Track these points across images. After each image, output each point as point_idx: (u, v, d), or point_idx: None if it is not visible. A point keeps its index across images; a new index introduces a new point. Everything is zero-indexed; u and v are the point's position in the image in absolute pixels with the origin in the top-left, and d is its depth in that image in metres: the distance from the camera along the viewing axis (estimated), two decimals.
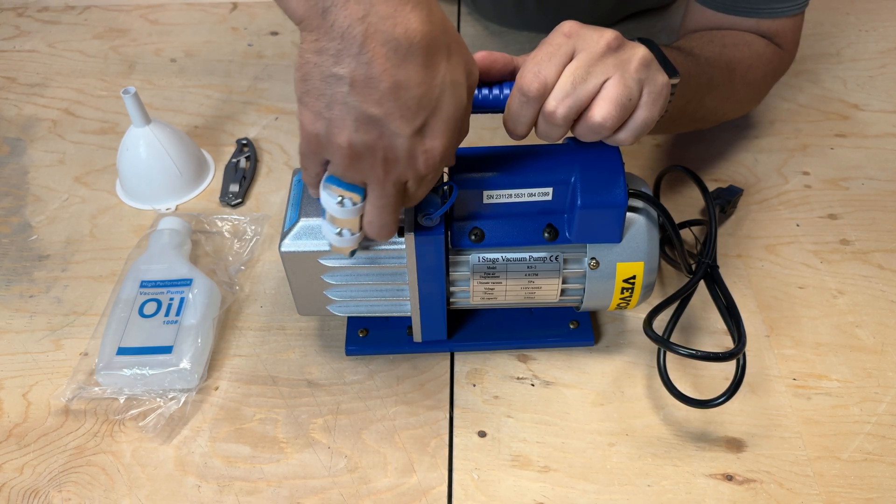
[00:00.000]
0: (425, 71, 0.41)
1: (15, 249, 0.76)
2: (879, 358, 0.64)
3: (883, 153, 0.84)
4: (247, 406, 0.62)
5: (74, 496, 0.57)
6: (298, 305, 0.60)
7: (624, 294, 0.59)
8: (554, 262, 0.57)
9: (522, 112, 0.49)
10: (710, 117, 0.76)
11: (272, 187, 0.82)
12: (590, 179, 0.53)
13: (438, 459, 0.58)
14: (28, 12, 1.12)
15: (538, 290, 0.59)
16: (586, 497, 0.56)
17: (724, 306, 0.61)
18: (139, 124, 0.77)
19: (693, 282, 0.61)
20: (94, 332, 0.67)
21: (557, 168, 0.54)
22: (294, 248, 0.55)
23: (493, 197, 0.55)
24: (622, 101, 0.48)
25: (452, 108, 0.43)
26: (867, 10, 1.07)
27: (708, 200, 0.66)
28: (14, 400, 0.63)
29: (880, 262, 0.72)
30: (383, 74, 0.40)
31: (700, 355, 0.55)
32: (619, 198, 0.53)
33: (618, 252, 0.57)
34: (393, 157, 0.44)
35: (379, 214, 0.48)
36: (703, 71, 0.67)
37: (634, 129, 0.50)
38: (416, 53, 0.41)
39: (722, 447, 0.58)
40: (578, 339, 0.65)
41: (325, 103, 0.42)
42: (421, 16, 0.41)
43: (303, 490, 0.57)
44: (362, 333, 0.65)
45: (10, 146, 0.88)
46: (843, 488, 0.56)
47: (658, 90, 0.49)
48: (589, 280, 0.58)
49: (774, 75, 0.80)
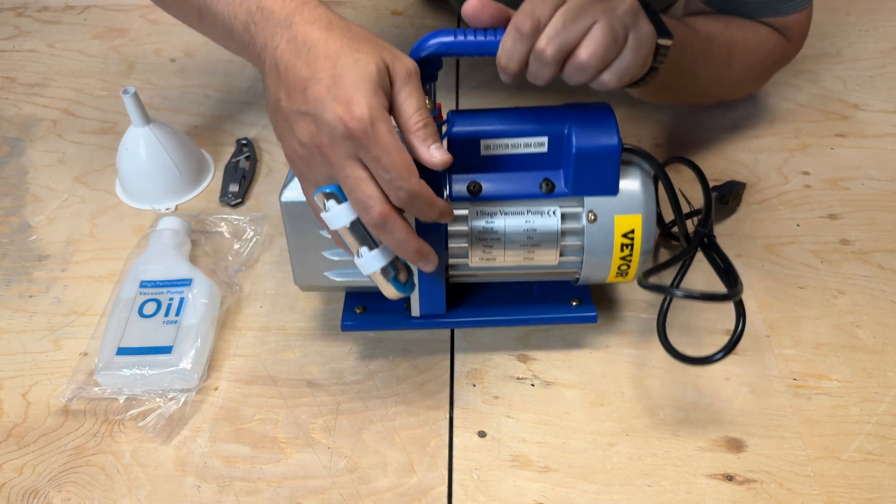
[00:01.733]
0: (316, 62, 0.47)
1: (15, 249, 0.76)
2: (880, 358, 0.64)
3: (883, 153, 0.84)
4: (247, 406, 0.62)
5: (74, 496, 0.57)
6: (296, 273, 0.60)
7: (624, 252, 0.58)
8: (552, 217, 0.57)
9: (516, 48, 0.51)
10: (705, 91, 0.78)
11: (272, 187, 0.82)
12: (584, 128, 0.55)
13: (438, 459, 0.58)
14: (28, 12, 1.12)
15: (537, 248, 0.58)
16: (586, 497, 0.56)
17: (721, 269, 0.61)
18: (139, 124, 0.77)
19: (690, 248, 0.62)
20: (93, 332, 0.67)
21: (553, 120, 0.56)
22: (295, 198, 0.55)
23: (490, 147, 0.56)
24: (607, 43, 0.50)
25: (357, 70, 0.46)
26: (867, 10, 1.07)
27: (702, 178, 0.67)
28: (14, 400, 0.63)
29: (880, 262, 0.72)
30: (289, 73, 0.47)
31: (698, 295, 0.55)
32: (612, 142, 0.55)
33: (615, 204, 0.57)
34: (329, 134, 0.47)
35: (364, 202, 0.48)
36: (700, 43, 0.69)
37: (617, 72, 0.52)
38: (311, 51, 0.47)
39: (722, 447, 0.58)
40: (581, 314, 0.64)
41: (273, 122, 0.51)
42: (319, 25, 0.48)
43: (303, 490, 0.57)
44: (359, 310, 0.64)
45: (10, 146, 0.88)
46: (844, 488, 0.56)
47: (642, 37, 0.52)
48: (588, 236, 0.57)
49: (776, 63, 0.81)
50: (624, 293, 0.69)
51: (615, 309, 0.68)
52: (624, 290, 0.70)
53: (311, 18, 0.48)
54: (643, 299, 0.69)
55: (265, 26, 0.49)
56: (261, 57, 0.50)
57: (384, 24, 1.07)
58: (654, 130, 0.87)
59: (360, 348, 0.66)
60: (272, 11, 0.49)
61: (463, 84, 0.96)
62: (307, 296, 0.70)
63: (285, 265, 0.73)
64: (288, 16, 0.49)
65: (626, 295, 0.69)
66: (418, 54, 0.52)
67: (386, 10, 1.10)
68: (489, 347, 0.66)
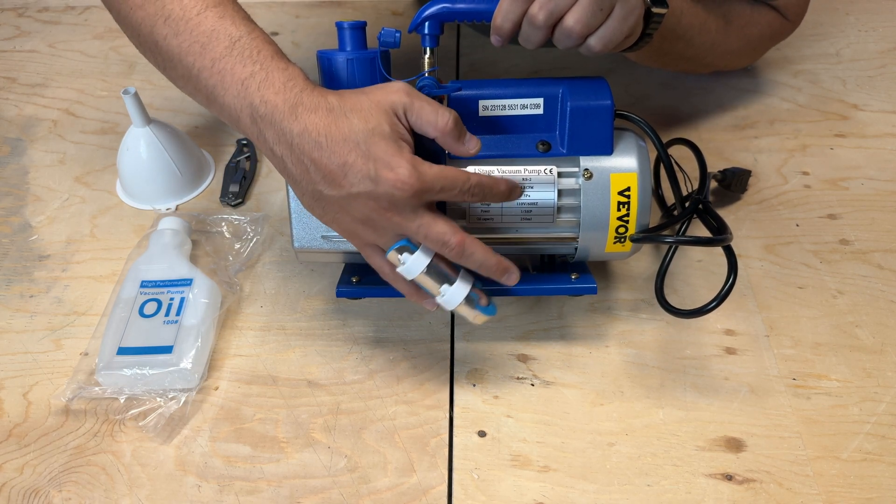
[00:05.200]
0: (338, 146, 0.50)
1: (15, 249, 0.76)
2: (879, 358, 0.64)
3: (882, 153, 0.84)
4: (247, 406, 0.62)
5: (75, 496, 0.57)
6: (295, 234, 0.60)
7: (621, 212, 0.58)
8: (548, 175, 0.58)
9: (511, 9, 0.54)
10: (700, 60, 0.81)
11: (272, 187, 0.82)
12: (577, 89, 0.58)
13: (438, 459, 0.58)
14: (28, 12, 1.12)
15: (535, 206, 0.58)
16: (586, 497, 0.56)
17: (714, 228, 0.62)
18: (139, 124, 0.77)
19: (686, 212, 0.63)
20: (94, 332, 0.67)
21: (548, 84, 0.59)
22: None
23: (488, 108, 0.59)
24: (593, 10, 0.53)
25: (377, 137, 0.50)
26: (867, 10, 1.07)
27: (698, 154, 0.69)
28: (14, 400, 0.63)
29: (879, 262, 0.72)
30: (319, 166, 0.50)
31: (689, 240, 0.59)
32: (605, 100, 0.57)
33: (610, 163, 0.58)
34: (389, 201, 0.50)
35: (440, 239, 0.52)
36: (697, 13, 0.73)
37: (602, 38, 0.55)
38: (328, 145, 0.50)
39: (722, 447, 0.58)
40: (581, 285, 0.63)
41: (318, 211, 0.54)
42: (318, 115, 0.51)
43: (303, 490, 0.57)
44: (355, 279, 0.64)
45: (11, 146, 0.89)
46: (843, 488, 0.56)
47: (629, 8, 0.54)
48: (584, 194, 0.58)
49: (773, 38, 0.84)
50: (624, 293, 0.70)
51: (615, 308, 0.68)
52: (624, 289, 0.70)
53: (313, 107, 0.51)
54: (643, 299, 0.69)
55: (272, 121, 0.51)
56: (274, 151, 0.52)
57: (384, 25, 1.06)
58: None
59: (361, 348, 0.66)
60: (275, 106, 0.51)
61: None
62: (308, 295, 0.70)
63: (286, 265, 0.73)
64: (292, 108, 0.51)
65: (626, 294, 0.69)
66: (419, 17, 0.56)
67: (386, 10, 1.10)
68: (489, 347, 0.66)
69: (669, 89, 0.93)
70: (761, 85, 0.93)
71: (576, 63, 0.97)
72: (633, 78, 0.94)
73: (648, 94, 0.92)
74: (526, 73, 0.96)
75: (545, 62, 0.98)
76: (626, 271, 0.71)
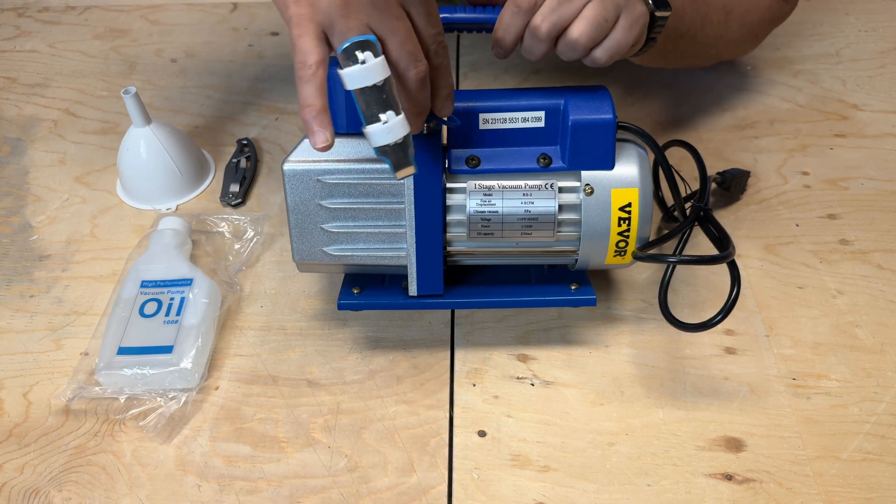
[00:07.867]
0: None
1: (15, 249, 0.76)
2: (879, 358, 0.64)
3: (882, 153, 0.84)
4: (247, 406, 0.62)
5: (75, 496, 0.57)
6: (295, 248, 0.60)
7: (621, 227, 0.58)
8: (549, 190, 0.58)
9: (513, 22, 0.53)
10: (703, 54, 0.80)
11: (272, 187, 0.82)
12: (580, 103, 0.57)
13: (438, 459, 0.58)
14: (28, 12, 1.12)
15: (535, 222, 0.58)
16: (586, 497, 0.56)
17: (716, 237, 0.61)
18: (140, 124, 0.77)
19: (687, 221, 0.63)
20: (94, 332, 0.67)
21: (549, 96, 0.58)
22: (298, 168, 0.57)
23: (488, 122, 0.58)
24: (598, 22, 0.52)
25: None
26: (867, 10, 1.07)
27: (697, 158, 0.68)
28: (14, 400, 0.63)
29: (879, 262, 0.72)
30: None
31: (692, 259, 0.58)
32: (607, 116, 0.57)
33: (611, 178, 0.58)
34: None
35: (414, 55, 0.46)
36: (697, 9, 0.71)
37: (608, 50, 0.54)
38: None
39: (721, 447, 0.59)
40: (580, 296, 0.63)
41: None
42: None
43: (303, 489, 0.57)
44: (356, 290, 0.64)
45: (11, 146, 0.89)
46: (843, 488, 0.56)
47: (635, 18, 0.54)
48: (585, 210, 0.58)
49: (773, 22, 0.83)
50: (624, 293, 0.70)
51: (615, 309, 0.68)
52: (624, 289, 0.70)
53: None
54: (643, 299, 0.69)
55: None
56: None
57: None
58: (652, 130, 0.87)
59: (361, 348, 0.66)
60: None
61: (462, 87, 0.96)
62: (308, 295, 0.70)
63: (286, 265, 0.73)
64: None
65: (627, 294, 0.69)
66: None
67: None
68: (489, 347, 0.66)
69: (669, 89, 0.93)
70: (761, 85, 0.93)
71: (576, 62, 0.97)
72: (633, 78, 0.94)
73: (648, 94, 0.92)
74: (527, 72, 0.96)
75: (545, 61, 0.98)
76: (625, 272, 0.71)
